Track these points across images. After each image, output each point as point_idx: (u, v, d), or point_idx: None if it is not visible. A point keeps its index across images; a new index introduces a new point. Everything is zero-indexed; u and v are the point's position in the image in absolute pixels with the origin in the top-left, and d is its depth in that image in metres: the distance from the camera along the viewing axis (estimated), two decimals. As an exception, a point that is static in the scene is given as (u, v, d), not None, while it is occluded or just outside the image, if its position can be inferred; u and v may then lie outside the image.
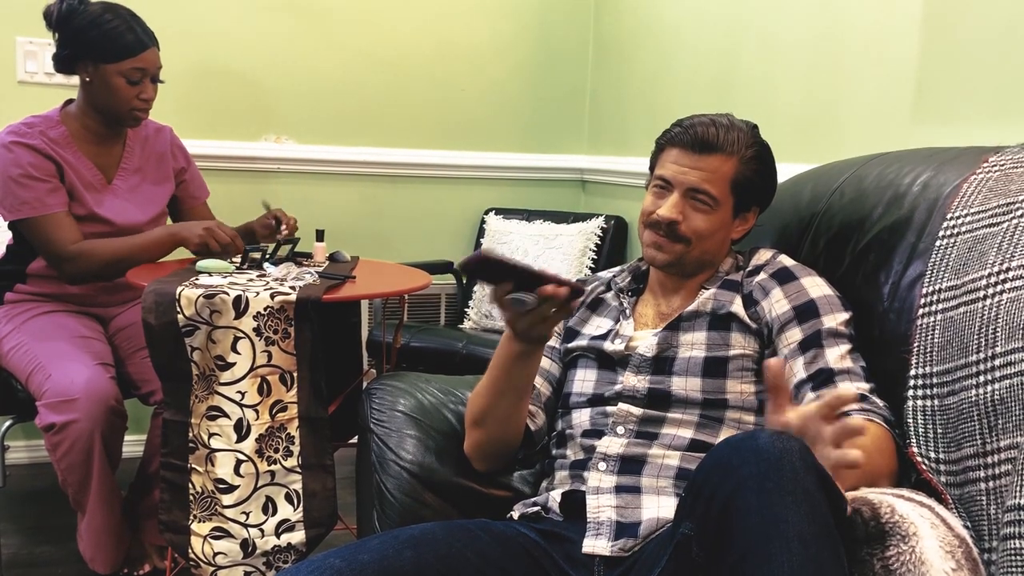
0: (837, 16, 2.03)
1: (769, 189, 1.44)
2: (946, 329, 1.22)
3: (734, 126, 1.39)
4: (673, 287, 1.45)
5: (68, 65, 1.99)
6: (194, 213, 2.23)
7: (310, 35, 2.87)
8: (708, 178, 1.37)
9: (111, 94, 1.97)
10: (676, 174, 1.38)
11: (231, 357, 1.68)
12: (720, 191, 1.38)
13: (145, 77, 1.99)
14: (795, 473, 0.94)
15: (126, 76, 1.96)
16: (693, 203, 1.38)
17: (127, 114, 2.01)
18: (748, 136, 1.40)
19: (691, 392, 1.33)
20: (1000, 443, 1.10)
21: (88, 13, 1.94)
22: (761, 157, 1.41)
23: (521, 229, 2.94)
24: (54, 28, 1.96)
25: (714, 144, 1.37)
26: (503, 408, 1.38)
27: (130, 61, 1.95)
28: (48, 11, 1.96)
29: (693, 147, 1.38)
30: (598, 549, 1.22)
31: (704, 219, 1.38)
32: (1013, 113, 1.61)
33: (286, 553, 1.72)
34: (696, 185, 1.37)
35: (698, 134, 1.37)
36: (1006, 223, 1.21)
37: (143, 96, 2.00)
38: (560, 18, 3.16)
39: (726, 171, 1.38)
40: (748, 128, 1.41)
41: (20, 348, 1.94)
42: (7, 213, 1.97)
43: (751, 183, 1.40)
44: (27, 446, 2.74)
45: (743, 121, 1.43)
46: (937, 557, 0.98)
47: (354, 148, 2.97)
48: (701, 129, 1.38)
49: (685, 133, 1.38)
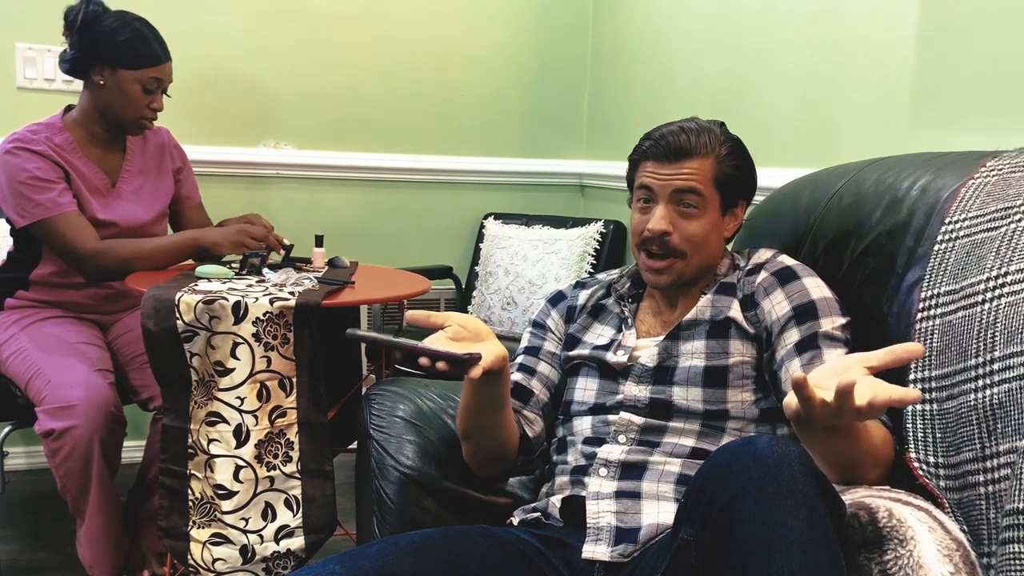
0: (835, 21, 2.04)
1: (750, 182, 1.45)
2: (945, 333, 1.22)
3: (703, 128, 1.40)
4: (673, 292, 1.45)
5: (81, 68, 1.99)
6: (187, 214, 2.24)
7: (309, 41, 2.87)
8: (691, 178, 1.37)
9: (124, 100, 1.98)
10: (657, 182, 1.38)
11: (230, 363, 1.68)
12: (705, 188, 1.38)
13: (160, 88, 2.02)
14: (794, 478, 0.94)
15: (143, 84, 1.98)
16: (680, 209, 1.38)
17: (135, 122, 2.02)
18: (719, 134, 1.40)
19: (692, 402, 1.33)
20: (999, 447, 1.11)
21: (115, 17, 1.97)
22: (736, 151, 1.41)
23: (520, 234, 2.94)
24: (77, 30, 1.96)
25: (687, 149, 1.37)
26: (485, 423, 1.38)
27: (150, 71, 1.98)
28: (71, 12, 1.96)
29: (668, 157, 1.38)
30: (598, 555, 1.22)
31: (695, 224, 1.38)
32: (1011, 118, 1.61)
33: (285, 559, 1.72)
34: (681, 186, 1.37)
35: (670, 143, 1.38)
36: (1004, 227, 1.21)
37: (153, 105, 2.03)
38: (559, 24, 3.16)
39: (707, 170, 1.38)
40: (717, 126, 1.42)
41: (20, 354, 1.94)
42: (19, 219, 1.96)
43: (732, 178, 1.40)
44: (26, 452, 2.73)
45: (709, 121, 1.43)
46: (935, 561, 0.98)
47: (353, 154, 2.97)
48: (672, 138, 1.38)
49: (656, 145, 1.39)
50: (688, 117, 1.44)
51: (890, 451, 1.20)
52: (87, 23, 1.95)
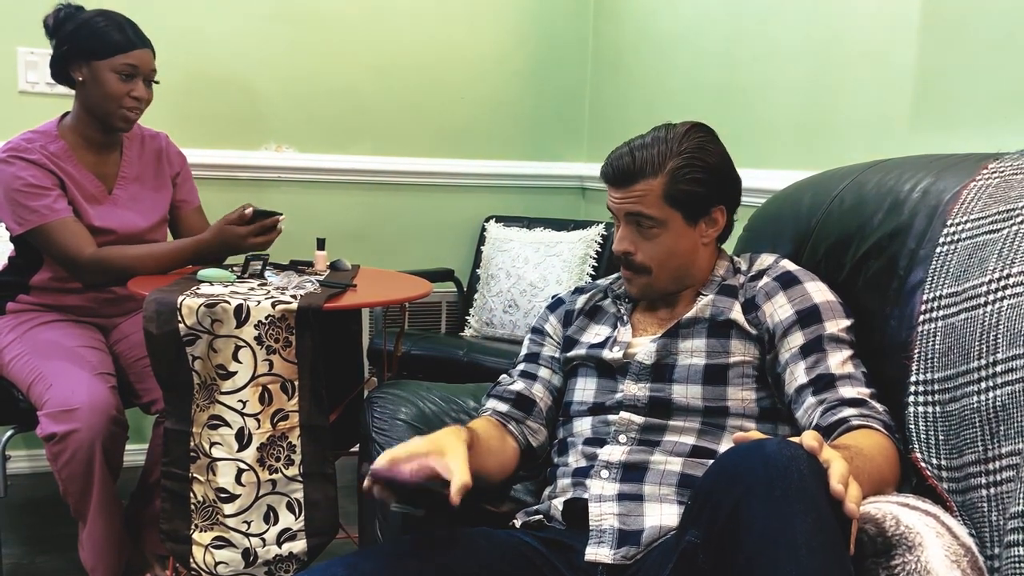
0: (836, 23, 2.04)
1: (718, 189, 1.40)
2: (947, 335, 1.22)
3: (653, 145, 1.37)
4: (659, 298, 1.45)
5: (63, 69, 2.00)
6: (185, 218, 2.23)
7: (310, 44, 2.87)
8: (639, 202, 1.37)
9: (103, 92, 1.97)
10: (614, 205, 1.41)
11: (232, 366, 1.68)
12: (657, 210, 1.37)
13: (137, 75, 2.00)
14: (802, 481, 0.93)
15: (117, 72, 1.97)
16: (641, 230, 1.39)
17: (117, 113, 2.00)
18: (671, 147, 1.37)
19: (692, 400, 1.33)
20: (1002, 449, 1.10)
21: (82, 16, 1.98)
22: (693, 163, 1.37)
23: (521, 237, 2.94)
24: (51, 33, 1.99)
25: (630, 173, 1.37)
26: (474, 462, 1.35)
27: (121, 57, 1.97)
28: (46, 19, 2.00)
29: (616, 181, 1.39)
30: (601, 557, 1.22)
31: (655, 245, 1.39)
32: (1012, 120, 1.61)
33: (288, 562, 1.72)
34: (631, 210, 1.38)
35: (616, 168, 1.39)
36: (1006, 229, 1.21)
37: (134, 94, 2.00)
38: (559, 26, 3.16)
39: (655, 190, 1.36)
40: (674, 137, 1.38)
41: (21, 358, 1.94)
42: (16, 226, 1.96)
43: (688, 193, 1.37)
44: (28, 456, 2.73)
45: (669, 129, 1.40)
46: (943, 567, 0.98)
47: (354, 156, 2.97)
48: (617, 162, 1.39)
49: (609, 167, 1.41)
50: (655, 127, 1.42)
51: (898, 469, 1.20)
52: (59, 25, 1.98)
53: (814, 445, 0.97)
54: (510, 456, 1.43)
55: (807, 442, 0.97)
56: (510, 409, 1.46)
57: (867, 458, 1.12)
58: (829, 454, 0.97)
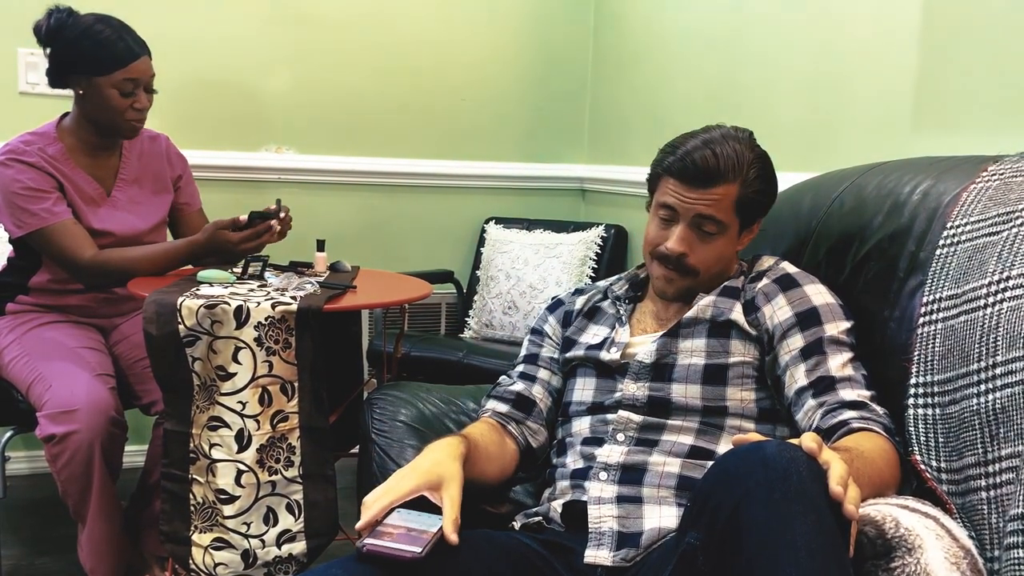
0: (837, 26, 2.04)
1: (772, 197, 1.43)
2: (947, 338, 1.22)
3: (732, 148, 1.34)
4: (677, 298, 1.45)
5: (60, 79, 1.98)
6: (187, 220, 2.22)
7: (310, 46, 2.87)
8: (714, 205, 1.35)
9: (105, 106, 1.96)
10: (681, 204, 1.36)
11: (232, 367, 1.68)
12: (727, 216, 1.36)
13: (138, 88, 1.97)
14: (802, 483, 0.93)
15: (119, 88, 1.94)
16: (699, 232, 1.37)
17: (124, 124, 1.99)
18: (748, 154, 1.36)
19: (691, 399, 1.33)
20: (1001, 452, 1.10)
21: (77, 25, 1.93)
22: (763, 173, 1.38)
23: (521, 238, 2.94)
24: (44, 42, 1.95)
25: (715, 174, 1.33)
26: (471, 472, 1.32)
27: (121, 72, 1.93)
28: (38, 26, 1.95)
29: (694, 180, 1.34)
30: (600, 559, 1.22)
31: (710, 249, 1.38)
32: (1012, 122, 1.61)
33: (287, 564, 1.72)
34: (704, 212, 1.35)
35: (698, 166, 1.33)
36: (1006, 232, 1.21)
37: (137, 106, 1.98)
38: (560, 28, 3.16)
39: (731, 196, 1.36)
40: (745, 142, 1.37)
41: (21, 359, 1.94)
42: (16, 229, 1.96)
43: (754, 201, 1.39)
44: (27, 457, 2.73)
45: (736, 132, 1.38)
46: (943, 569, 0.98)
47: (355, 158, 2.97)
48: (700, 159, 1.33)
49: (683, 164, 1.34)
50: (714, 126, 1.38)
51: (898, 472, 1.20)
52: (51, 35, 1.93)
53: (813, 447, 0.97)
54: (510, 458, 1.43)
55: (806, 444, 0.97)
56: (510, 410, 1.46)
57: (867, 460, 1.12)
58: (828, 456, 0.97)
